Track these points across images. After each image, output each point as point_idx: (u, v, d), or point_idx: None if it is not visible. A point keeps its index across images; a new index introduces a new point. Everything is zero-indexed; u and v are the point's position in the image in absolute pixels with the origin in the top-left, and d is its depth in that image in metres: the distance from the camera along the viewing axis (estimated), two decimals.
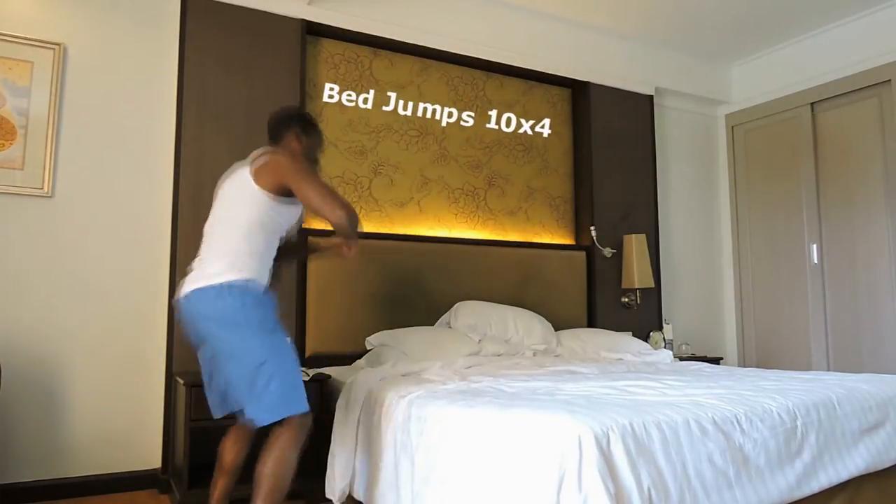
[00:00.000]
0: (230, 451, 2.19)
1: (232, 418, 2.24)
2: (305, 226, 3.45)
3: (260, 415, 1.94)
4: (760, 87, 4.88)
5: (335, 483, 2.47)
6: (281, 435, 1.97)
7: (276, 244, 2.15)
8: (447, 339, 3.21)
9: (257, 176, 2.03)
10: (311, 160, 2.26)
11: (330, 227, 2.25)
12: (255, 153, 2.11)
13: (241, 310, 1.96)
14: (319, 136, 2.31)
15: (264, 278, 2.08)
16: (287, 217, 2.14)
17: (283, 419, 1.96)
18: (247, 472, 2.83)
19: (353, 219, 1.97)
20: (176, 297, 2.09)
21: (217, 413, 2.14)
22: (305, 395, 2.00)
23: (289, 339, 2.05)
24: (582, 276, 4.21)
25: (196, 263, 2.10)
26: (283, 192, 2.05)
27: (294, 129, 2.24)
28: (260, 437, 2.14)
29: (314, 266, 3.32)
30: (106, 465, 2.91)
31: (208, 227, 2.14)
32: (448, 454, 1.89)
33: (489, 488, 1.70)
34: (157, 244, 3.10)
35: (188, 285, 2.03)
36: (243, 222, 2.04)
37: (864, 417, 2.17)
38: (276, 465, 1.95)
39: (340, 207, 1.94)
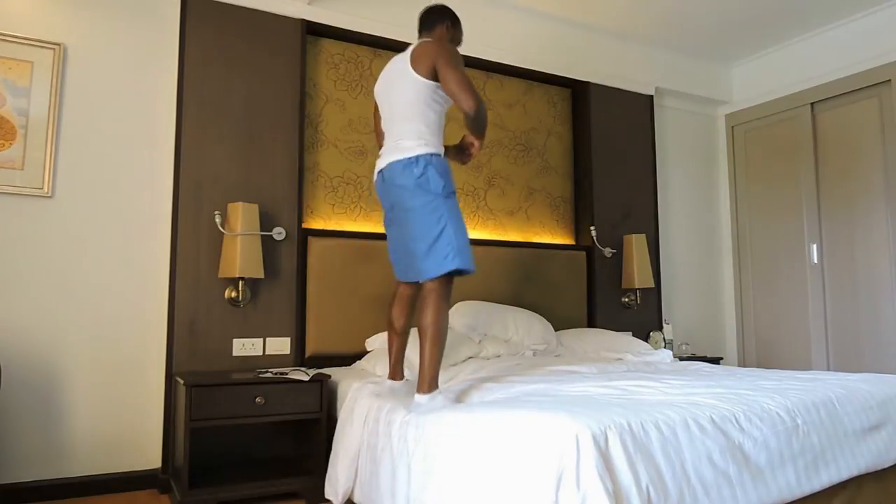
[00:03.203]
0: (399, 318, 2.50)
1: (232, 418, 2.25)
2: (305, 226, 3.46)
3: (434, 267, 2.21)
4: (760, 87, 4.88)
5: (337, 485, 2.47)
6: (433, 290, 2.22)
7: (443, 122, 2.44)
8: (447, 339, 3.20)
9: (415, 64, 2.33)
10: (453, 49, 2.49)
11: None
12: (411, 46, 2.40)
13: (427, 179, 2.27)
14: (461, 31, 2.63)
15: (442, 150, 2.38)
16: (447, 100, 2.40)
17: (435, 277, 2.22)
18: (250, 472, 2.83)
19: (482, 109, 2.26)
20: (374, 174, 2.45)
21: (401, 277, 2.48)
22: (467, 257, 2.26)
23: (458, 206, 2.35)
24: (582, 276, 4.21)
25: (386, 145, 2.42)
26: (429, 79, 2.33)
27: (445, 22, 2.56)
28: None
29: (314, 266, 3.33)
30: (106, 465, 2.91)
31: (386, 119, 2.46)
32: (446, 453, 1.89)
33: (488, 488, 1.70)
34: (157, 244, 3.10)
35: (383, 160, 2.39)
36: (417, 107, 2.33)
37: (865, 417, 2.17)
38: (435, 314, 2.20)
39: (474, 98, 2.21)
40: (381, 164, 2.41)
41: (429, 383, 2.17)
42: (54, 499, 2.78)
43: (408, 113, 2.34)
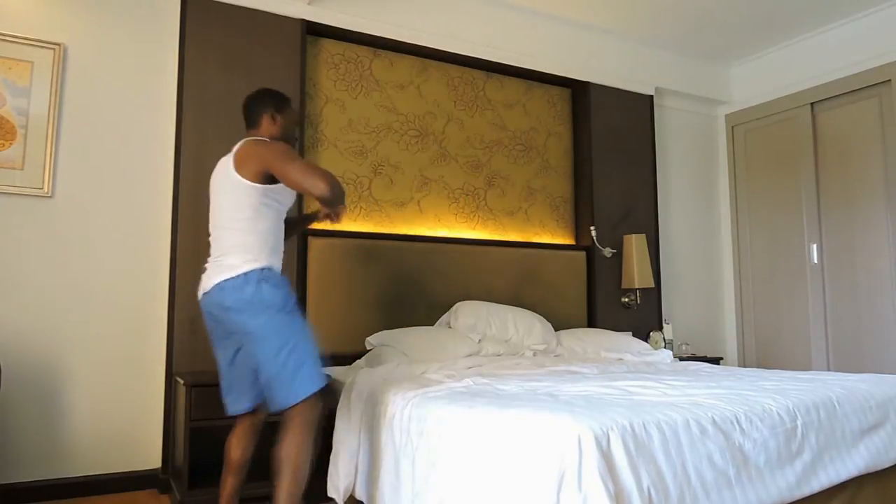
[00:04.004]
0: (236, 449, 2.23)
1: (232, 418, 2.25)
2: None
3: (287, 396, 1.99)
4: (760, 87, 4.88)
5: (338, 482, 2.48)
6: (296, 417, 2.01)
7: (281, 226, 2.19)
8: (447, 339, 3.21)
9: (240, 168, 2.07)
10: (289, 138, 2.30)
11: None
12: (236, 147, 2.14)
13: (262, 296, 2.01)
14: (293, 113, 2.33)
15: (278, 262, 2.14)
16: (284, 198, 2.17)
17: (297, 405, 2.00)
18: (250, 472, 2.83)
19: (336, 188, 1.99)
20: (199, 294, 2.14)
21: (234, 409, 2.20)
22: (323, 373, 2.06)
23: (305, 320, 2.12)
24: (582, 276, 4.21)
25: (210, 261, 2.14)
26: (270, 178, 2.08)
27: (268, 110, 2.24)
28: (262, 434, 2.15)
29: (314, 266, 3.32)
30: (106, 465, 2.91)
31: (213, 226, 2.18)
32: (448, 454, 1.89)
33: (489, 488, 1.70)
34: (157, 244, 3.10)
35: (207, 282, 2.09)
36: (243, 215, 2.08)
37: (864, 417, 2.17)
38: (297, 445, 1.99)
39: (322, 180, 1.96)
40: (205, 284, 2.10)
41: None
42: (54, 499, 2.78)
43: (231, 222, 2.09)
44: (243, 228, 2.07)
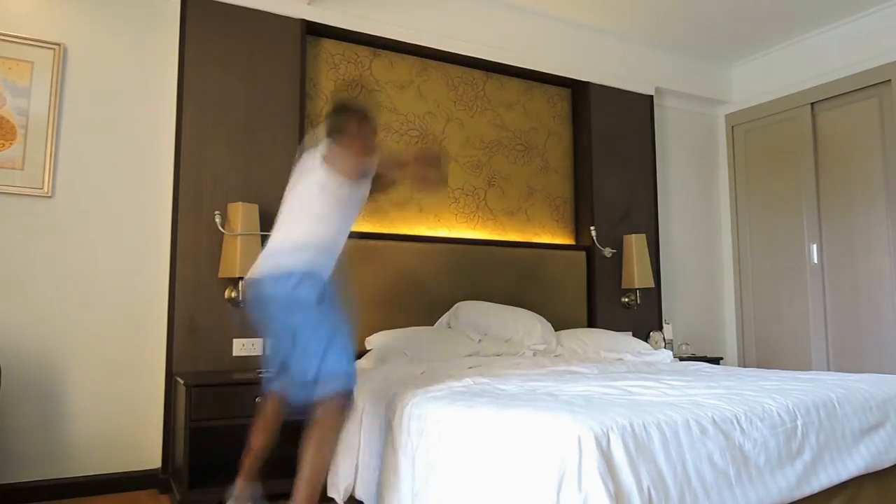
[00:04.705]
0: (258, 436, 2.30)
1: (232, 418, 2.26)
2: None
3: (314, 392, 2.03)
4: (760, 87, 4.88)
5: (338, 482, 2.48)
6: (323, 414, 2.05)
7: (346, 229, 2.29)
8: (447, 339, 3.21)
9: (324, 165, 2.20)
10: (368, 148, 2.37)
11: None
12: (322, 144, 2.28)
13: (303, 293, 2.09)
14: (373, 127, 2.48)
15: (330, 263, 2.22)
16: (354, 200, 2.28)
17: (325, 401, 2.04)
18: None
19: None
20: (248, 277, 2.24)
21: (271, 387, 2.28)
22: (354, 374, 2.11)
23: (347, 320, 2.18)
24: (582, 276, 4.21)
25: (268, 248, 2.22)
26: (347, 179, 2.20)
27: (352, 122, 2.36)
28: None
29: None
30: (106, 465, 2.91)
31: (281, 215, 2.27)
32: (448, 454, 1.89)
33: (489, 488, 1.70)
34: (156, 244, 3.10)
35: (258, 268, 2.19)
36: (314, 211, 2.19)
37: (865, 417, 2.17)
38: (317, 450, 2.03)
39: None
40: (257, 271, 2.20)
41: None
42: (54, 499, 2.78)
43: (304, 213, 2.20)
44: (307, 224, 2.17)
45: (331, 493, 2.51)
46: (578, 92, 4.44)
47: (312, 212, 2.19)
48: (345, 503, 2.46)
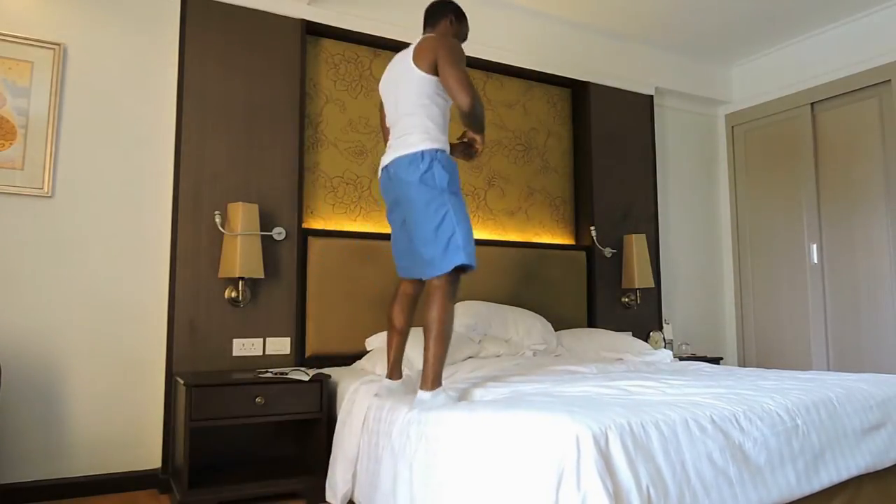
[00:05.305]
0: (399, 317, 2.48)
1: (232, 418, 2.25)
2: (305, 226, 3.46)
3: (439, 263, 2.20)
4: (760, 87, 4.88)
5: (337, 487, 2.47)
6: (439, 287, 2.20)
7: (448, 116, 2.43)
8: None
9: (417, 60, 2.32)
10: (461, 38, 2.57)
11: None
12: (414, 42, 2.40)
13: (432, 173, 2.25)
14: (467, 26, 2.62)
15: (447, 146, 2.37)
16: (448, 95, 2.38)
17: (443, 274, 2.20)
18: (250, 472, 2.83)
19: (479, 109, 2.27)
20: (379, 170, 2.45)
21: (403, 274, 2.48)
22: (473, 253, 2.24)
23: (464, 203, 2.34)
24: (582, 276, 4.21)
25: (392, 140, 2.41)
26: (443, 60, 2.30)
27: (449, 16, 2.55)
28: None
29: (314, 266, 3.32)
30: (106, 465, 2.91)
31: (390, 117, 2.46)
32: (446, 456, 1.89)
33: (488, 487, 1.70)
34: (157, 244, 3.10)
35: (388, 157, 2.38)
36: (421, 101, 2.33)
37: (865, 417, 2.17)
38: (441, 311, 2.19)
39: (469, 95, 2.20)
40: (385, 159, 2.40)
41: (432, 380, 2.17)
42: (54, 499, 2.78)
43: (412, 108, 2.34)
44: (422, 113, 2.32)
45: (329, 499, 2.51)
46: (578, 92, 4.44)
47: (420, 104, 2.33)
48: None
